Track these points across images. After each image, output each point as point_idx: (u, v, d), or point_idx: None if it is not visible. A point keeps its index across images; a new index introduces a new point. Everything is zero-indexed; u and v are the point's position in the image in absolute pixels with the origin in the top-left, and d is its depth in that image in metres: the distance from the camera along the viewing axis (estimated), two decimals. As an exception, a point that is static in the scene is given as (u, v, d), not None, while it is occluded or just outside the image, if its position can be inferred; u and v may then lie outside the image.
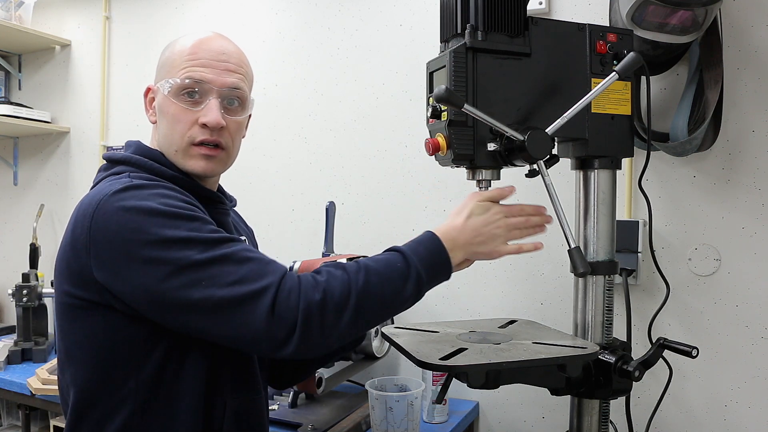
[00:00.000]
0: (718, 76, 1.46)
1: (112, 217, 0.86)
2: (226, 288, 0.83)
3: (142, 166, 0.99)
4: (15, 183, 2.81)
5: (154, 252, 0.84)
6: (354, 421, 1.57)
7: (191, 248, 0.84)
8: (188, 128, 1.01)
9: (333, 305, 0.85)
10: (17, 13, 2.55)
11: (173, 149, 1.02)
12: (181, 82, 0.99)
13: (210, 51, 1.02)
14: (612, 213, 1.22)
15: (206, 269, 0.84)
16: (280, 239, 2.16)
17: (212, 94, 1.01)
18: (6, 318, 2.82)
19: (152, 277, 0.84)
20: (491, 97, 1.09)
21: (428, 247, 0.96)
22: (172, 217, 0.86)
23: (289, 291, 0.84)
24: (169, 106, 1.01)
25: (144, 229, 0.84)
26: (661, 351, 1.17)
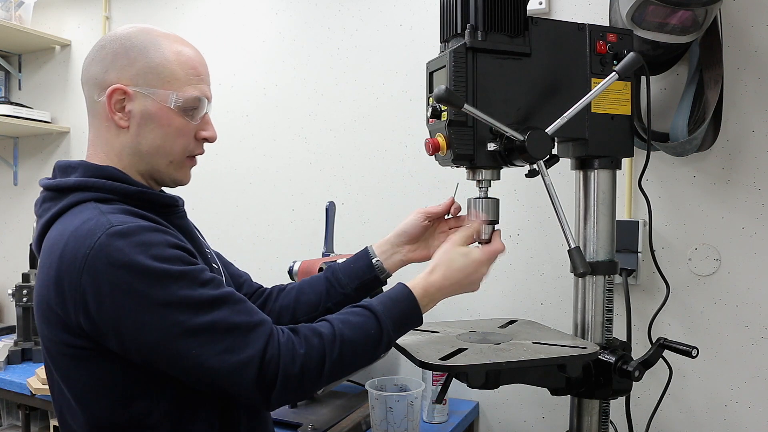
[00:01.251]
0: (718, 76, 1.46)
1: (101, 276, 0.84)
2: (215, 357, 0.86)
3: (102, 189, 0.94)
4: (15, 183, 2.81)
5: (145, 316, 0.84)
6: (354, 421, 1.57)
7: (183, 312, 0.85)
8: (190, 141, 1.02)
9: (309, 377, 0.90)
10: (17, 13, 2.55)
11: (167, 160, 1.01)
12: (192, 98, 0.99)
13: (203, 66, 1.03)
14: (612, 213, 1.22)
15: (196, 338, 0.85)
16: (280, 239, 2.16)
17: (207, 108, 1.03)
18: (6, 318, 2.82)
19: (143, 342, 0.85)
20: (491, 97, 1.09)
21: (403, 309, 0.99)
22: (162, 276, 0.85)
23: (270, 361, 0.88)
24: (172, 119, 0.98)
25: (135, 290, 0.84)
26: (661, 351, 1.17)
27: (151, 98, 0.97)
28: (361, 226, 2.02)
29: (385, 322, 0.96)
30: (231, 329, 0.87)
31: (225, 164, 2.25)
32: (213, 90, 1.07)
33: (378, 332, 0.95)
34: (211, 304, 0.88)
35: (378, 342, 0.95)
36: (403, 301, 1.00)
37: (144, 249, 0.85)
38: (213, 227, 2.25)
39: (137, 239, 0.86)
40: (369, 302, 0.98)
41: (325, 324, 0.95)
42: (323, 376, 0.91)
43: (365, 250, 1.21)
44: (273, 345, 0.89)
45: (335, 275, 1.19)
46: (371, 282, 1.18)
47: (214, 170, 2.25)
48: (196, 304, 0.86)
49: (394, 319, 0.97)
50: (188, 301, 0.86)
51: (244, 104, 2.23)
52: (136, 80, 0.97)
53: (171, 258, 0.87)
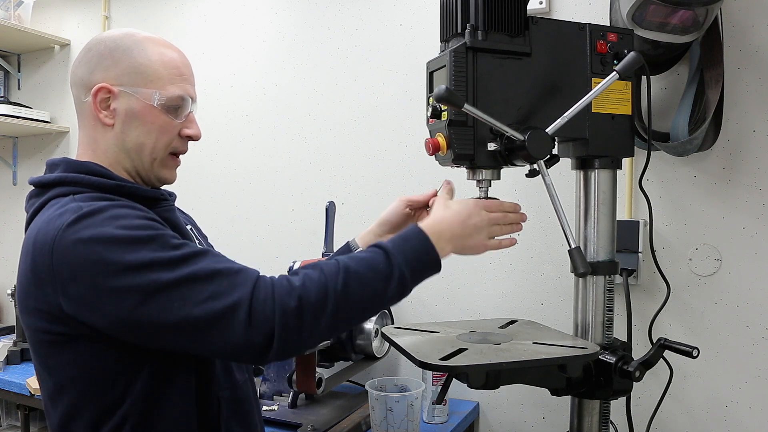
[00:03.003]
0: (718, 76, 1.45)
1: (71, 252, 0.84)
2: (199, 306, 0.83)
3: (80, 183, 0.96)
4: (14, 183, 2.81)
5: (120, 281, 0.83)
6: (354, 422, 1.57)
7: (157, 271, 0.84)
8: (173, 139, 1.03)
9: (310, 311, 0.84)
10: (16, 12, 2.55)
11: (151, 157, 1.02)
12: (175, 97, 1.00)
13: (186, 66, 1.05)
14: (612, 213, 1.22)
15: (176, 290, 0.83)
16: (280, 239, 2.16)
17: (191, 108, 1.05)
18: (5, 318, 2.82)
19: (124, 307, 0.84)
20: (491, 97, 1.09)
21: (414, 245, 0.94)
22: (132, 242, 0.85)
23: (264, 301, 0.84)
24: (155, 117, 1.00)
25: (106, 259, 0.83)
26: (661, 351, 1.17)
27: (135, 97, 0.99)
28: (361, 226, 2.00)
29: (395, 257, 0.91)
30: (212, 275, 0.85)
31: (225, 164, 2.25)
32: (213, 90, 1.08)
33: (387, 266, 0.90)
34: (186, 258, 0.86)
35: (389, 276, 0.89)
36: (413, 238, 0.94)
37: (112, 221, 0.86)
38: (213, 227, 2.24)
39: (105, 215, 0.87)
40: (379, 241, 0.95)
41: (331, 261, 0.91)
42: (327, 311, 0.85)
43: (346, 244, 1.21)
44: (264, 285, 0.85)
45: None
46: None
47: (214, 170, 2.25)
48: (170, 261, 0.85)
49: (405, 254, 0.92)
50: (162, 260, 0.84)
51: (244, 104, 2.22)
52: (121, 79, 0.99)
53: (140, 226, 0.88)
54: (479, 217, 1.02)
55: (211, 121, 2.23)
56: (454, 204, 1.04)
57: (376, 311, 0.92)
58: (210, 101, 2.23)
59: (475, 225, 1.01)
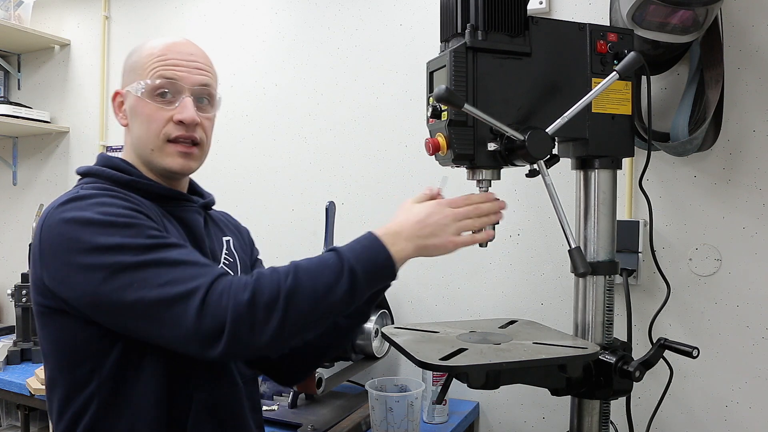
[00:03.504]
0: (718, 76, 1.45)
1: (54, 229, 0.91)
2: (156, 289, 0.85)
3: (101, 176, 1.03)
4: (14, 183, 2.81)
5: (89, 259, 0.87)
6: (354, 422, 1.57)
7: (124, 253, 0.87)
8: (163, 126, 1.03)
9: (262, 304, 0.85)
10: (16, 12, 2.55)
11: (149, 148, 1.05)
12: (153, 82, 1.03)
13: (179, 52, 1.05)
14: (612, 213, 1.22)
15: (138, 272, 0.86)
16: (280, 239, 2.16)
17: (185, 93, 1.04)
18: (5, 318, 2.82)
19: (90, 283, 0.87)
20: (491, 97, 1.09)
21: (364, 243, 0.94)
22: (107, 225, 0.89)
23: (220, 293, 0.85)
24: (143, 107, 1.03)
25: (80, 238, 0.88)
26: (661, 351, 1.17)
27: (131, 93, 1.05)
28: (361, 226, 2.02)
29: (344, 254, 0.91)
30: (177, 263, 0.88)
31: (225, 164, 2.25)
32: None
33: (338, 262, 0.90)
34: (155, 246, 0.89)
35: (339, 272, 0.89)
36: (363, 239, 0.95)
37: (96, 206, 0.91)
38: (213, 227, 2.25)
39: (92, 201, 0.92)
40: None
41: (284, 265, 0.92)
42: (278, 305, 0.85)
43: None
44: (223, 281, 0.87)
45: None
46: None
47: (213, 170, 2.25)
48: (139, 246, 0.88)
49: (355, 252, 0.92)
50: (131, 244, 0.88)
51: (244, 104, 2.22)
52: (125, 81, 1.08)
53: (121, 214, 0.91)
54: (440, 214, 0.99)
55: (211, 121, 2.23)
56: (415, 206, 1.03)
57: (329, 308, 0.90)
58: (210, 101, 2.22)
59: (436, 223, 0.98)
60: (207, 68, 1.09)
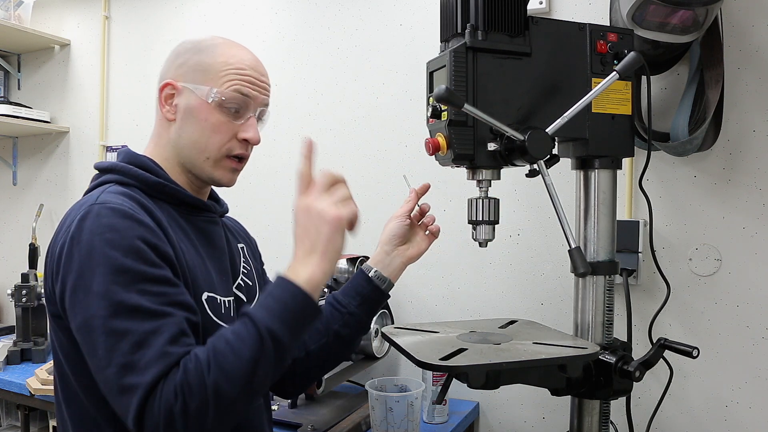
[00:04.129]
0: (718, 76, 1.45)
1: (66, 245, 0.88)
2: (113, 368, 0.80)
3: (127, 174, 1.00)
4: (14, 183, 2.81)
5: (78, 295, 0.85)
6: (354, 422, 1.57)
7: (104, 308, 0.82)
8: (227, 140, 1.03)
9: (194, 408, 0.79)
10: (16, 12, 2.55)
11: (204, 156, 1.03)
12: (230, 94, 1.01)
13: (255, 69, 1.05)
14: (612, 213, 1.22)
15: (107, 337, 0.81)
16: (280, 239, 2.15)
17: (252, 111, 1.04)
18: (5, 318, 2.82)
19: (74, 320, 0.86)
20: (491, 97, 1.09)
21: (275, 294, 0.87)
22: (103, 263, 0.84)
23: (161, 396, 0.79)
24: (209, 115, 1.01)
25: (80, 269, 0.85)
26: (661, 351, 1.17)
27: (194, 93, 1.01)
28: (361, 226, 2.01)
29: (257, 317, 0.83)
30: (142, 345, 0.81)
31: (225, 164, 2.25)
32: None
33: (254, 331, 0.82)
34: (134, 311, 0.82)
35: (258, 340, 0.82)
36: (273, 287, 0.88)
37: (103, 231, 0.86)
38: (213, 227, 2.25)
39: (104, 221, 0.87)
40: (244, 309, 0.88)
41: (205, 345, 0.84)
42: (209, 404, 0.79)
43: (359, 269, 1.21)
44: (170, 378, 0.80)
45: (335, 298, 1.17)
46: (372, 294, 1.16)
47: (213, 170, 2.25)
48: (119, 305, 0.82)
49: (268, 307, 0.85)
50: (114, 299, 0.82)
51: (244, 104, 2.22)
52: (186, 77, 1.02)
53: (125, 248, 0.85)
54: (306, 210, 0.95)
55: (211, 121, 2.23)
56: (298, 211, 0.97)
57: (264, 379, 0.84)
58: (210, 101, 2.23)
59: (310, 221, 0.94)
60: (269, 89, 1.11)
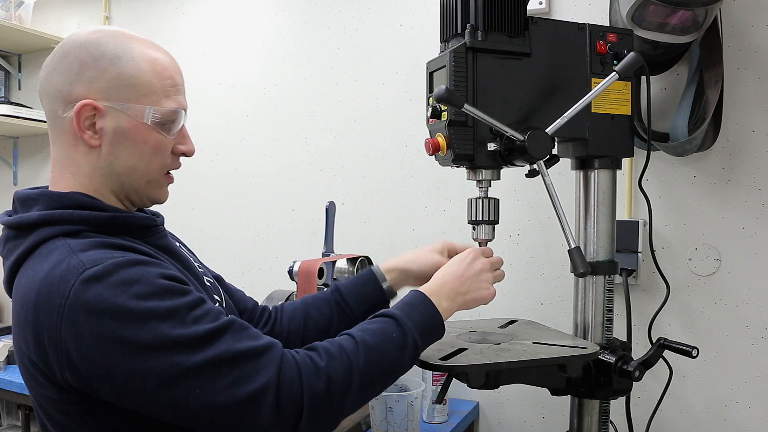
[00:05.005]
0: (718, 76, 1.46)
1: (82, 326, 0.75)
2: (223, 393, 0.78)
3: (69, 221, 0.84)
4: (15, 183, 2.81)
5: (137, 363, 0.76)
6: (354, 421, 1.57)
7: (178, 353, 0.76)
8: (167, 158, 0.93)
9: (338, 392, 0.83)
10: (17, 12, 2.55)
11: (144, 180, 0.92)
12: (170, 112, 0.90)
13: (179, 73, 0.94)
14: (612, 213, 1.22)
15: (198, 376, 0.77)
16: (280, 239, 2.16)
17: (183, 119, 0.94)
18: (6, 318, 2.82)
19: (140, 391, 0.77)
20: (491, 97, 1.09)
21: (422, 311, 0.95)
22: (149, 317, 0.76)
23: (291, 383, 0.80)
24: (148, 136, 0.89)
25: (121, 337, 0.75)
26: (661, 351, 1.17)
27: (124, 114, 0.87)
28: (361, 226, 2.02)
29: (407, 325, 0.91)
30: (236, 359, 0.79)
31: (225, 164, 2.25)
32: (213, 90, 1.03)
33: (401, 336, 0.90)
34: (208, 338, 0.79)
35: (403, 345, 0.90)
36: (417, 305, 0.95)
37: (124, 289, 0.77)
38: (212, 228, 2.25)
39: (115, 279, 0.77)
40: (386, 309, 0.96)
41: (345, 336, 0.89)
42: (352, 390, 0.84)
43: (371, 272, 1.16)
44: (289, 366, 0.82)
45: (344, 299, 1.15)
46: (380, 306, 1.15)
47: (213, 170, 2.25)
48: (191, 342, 0.78)
49: (415, 321, 0.92)
50: (182, 340, 0.77)
51: (244, 104, 2.22)
52: (108, 94, 0.87)
53: (156, 293, 0.78)
54: (476, 267, 1.04)
55: (211, 122, 2.23)
56: (453, 260, 1.05)
57: (394, 380, 0.92)
58: (210, 101, 2.23)
59: (474, 276, 1.03)
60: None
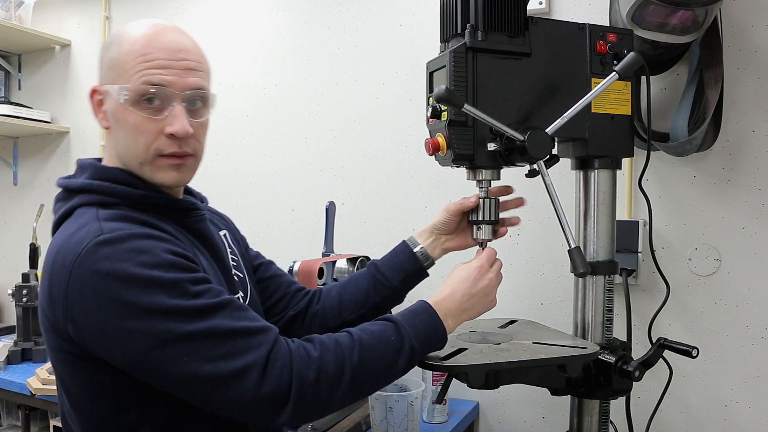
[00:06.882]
0: (718, 76, 1.46)
1: (87, 283, 0.80)
2: (209, 363, 0.80)
3: (106, 192, 0.91)
4: (15, 183, 2.81)
5: (133, 323, 0.79)
6: (354, 421, 1.57)
7: (172, 320, 0.80)
8: (153, 139, 0.91)
9: (327, 384, 0.83)
10: (17, 12, 2.55)
11: (137, 162, 0.93)
12: (138, 88, 0.89)
13: (166, 49, 0.90)
14: (612, 213, 1.22)
15: (188, 343, 0.80)
16: (280, 239, 2.16)
17: (175, 100, 0.91)
18: (6, 318, 2.82)
19: (133, 349, 0.80)
20: (491, 97, 1.09)
21: (425, 320, 0.95)
22: (151, 284, 0.80)
23: (281, 368, 0.82)
24: (128, 116, 0.90)
25: (121, 298, 0.79)
26: (661, 351, 1.17)
27: (111, 96, 0.92)
28: (361, 226, 2.02)
29: (405, 329, 0.92)
30: (227, 335, 0.81)
31: (225, 164, 2.25)
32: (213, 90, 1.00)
33: (398, 339, 0.90)
34: (204, 311, 0.82)
35: (399, 349, 0.90)
36: (421, 313, 0.96)
37: (132, 256, 0.81)
38: (213, 227, 2.25)
39: (125, 246, 0.81)
40: (389, 315, 0.96)
41: (343, 333, 0.90)
42: (342, 384, 0.84)
43: (403, 243, 1.19)
44: (281, 352, 0.83)
45: (379, 270, 1.16)
46: (416, 272, 1.17)
47: (213, 170, 2.25)
48: (187, 312, 0.81)
49: (416, 328, 0.93)
50: (178, 308, 0.80)
51: (244, 104, 2.22)
52: (103, 78, 0.94)
53: (162, 264, 0.82)
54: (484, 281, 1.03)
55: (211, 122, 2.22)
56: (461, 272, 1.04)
57: (386, 383, 0.93)
58: (210, 101, 2.23)
59: (482, 291, 1.02)
60: (199, 65, 0.95)
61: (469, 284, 1.02)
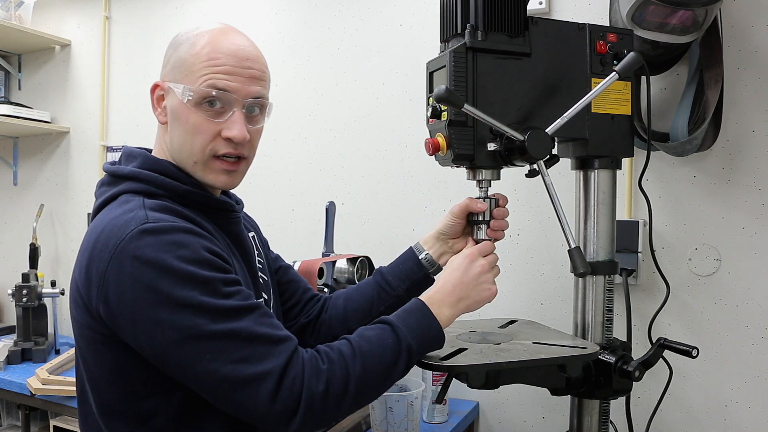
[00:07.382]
0: (718, 76, 1.46)
1: (126, 267, 0.83)
2: (229, 365, 0.82)
3: (152, 183, 0.94)
4: (15, 183, 2.81)
5: (163, 313, 0.82)
6: (354, 421, 1.57)
7: (200, 316, 0.82)
8: (210, 140, 0.95)
9: (335, 395, 0.86)
10: (17, 12, 2.55)
11: (191, 160, 0.96)
12: (202, 90, 0.93)
13: (233, 56, 0.94)
14: (612, 213, 1.22)
15: (211, 342, 0.82)
16: (280, 239, 2.16)
17: (236, 105, 0.95)
18: (6, 318, 2.82)
19: (157, 339, 0.83)
20: (491, 97, 1.09)
21: (419, 318, 0.96)
22: (186, 278, 0.83)
23: (293, 378, 0.84)
24: (188, 116, 0.94)
25: (155, 286, 0.82)
26: (661, 351, 1.17)
27: (174, 93, 0.95)
28: (361, 226, 2.02)
29: (401, 330, 0.93)
30: (251, 339, 0.84)
31: (225, 164, 2.25)
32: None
33: (395, 341, 0.92)
34: (232, 312, 0.84)
35: (398, 351, 0.92)
36: (414, 312, 0.97)
37: (172, 249, 0.84)
38: (213, 227, 2.25)
39: (168, 238, 0.84)
40: (384, 316, 0.97)
41: (343, 341, 0.92)
42: (348, 395, 0.87)
43: (410, 249, 1.19)
44: (297, 362, 0.85)
45: (384, 278, 1.17)
46: (421, 279, 1.17)
47: (214, 170, 2.25)
48: (216, 311, 0.83)
49: (411, 327, 0.94)
50: (208, 306, 0.83)
51: (244, 104, 2.22)
52: (169, 75, 0.97)
53: (200, 261, 0.85)
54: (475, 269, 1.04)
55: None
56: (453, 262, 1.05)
57: (389, 386, 0.94)
58: (210, 101, 2.23)
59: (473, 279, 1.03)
60: (262, 75, 1.00)
61: (460, 273, 1.03)
